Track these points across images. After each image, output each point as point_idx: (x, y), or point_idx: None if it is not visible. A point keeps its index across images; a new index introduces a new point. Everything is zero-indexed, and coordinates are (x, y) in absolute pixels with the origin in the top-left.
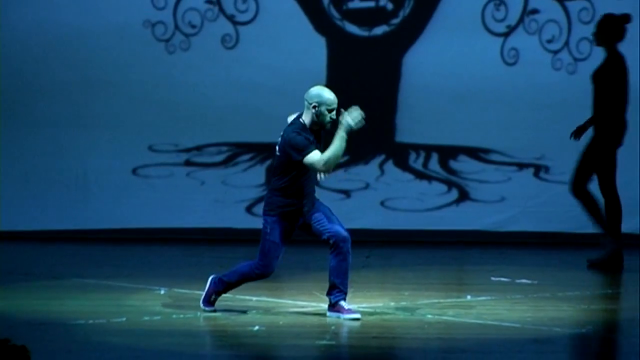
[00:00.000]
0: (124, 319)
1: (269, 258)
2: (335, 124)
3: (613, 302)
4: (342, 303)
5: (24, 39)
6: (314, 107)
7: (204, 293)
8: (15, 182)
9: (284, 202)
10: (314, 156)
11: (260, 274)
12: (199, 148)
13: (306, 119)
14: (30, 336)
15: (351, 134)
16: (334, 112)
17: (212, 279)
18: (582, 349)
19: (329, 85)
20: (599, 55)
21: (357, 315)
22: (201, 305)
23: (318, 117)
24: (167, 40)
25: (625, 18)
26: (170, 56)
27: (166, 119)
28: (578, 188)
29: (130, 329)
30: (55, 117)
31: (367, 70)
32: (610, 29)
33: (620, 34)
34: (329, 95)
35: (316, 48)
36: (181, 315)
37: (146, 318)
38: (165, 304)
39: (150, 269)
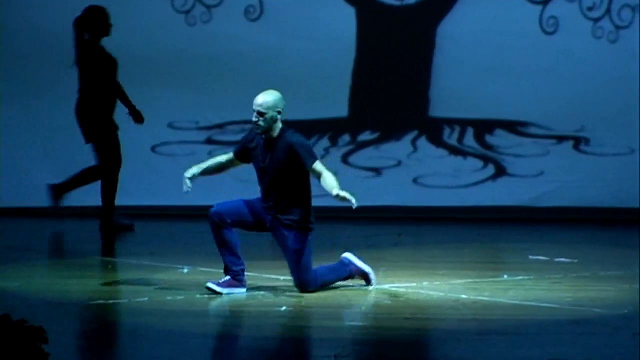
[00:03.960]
0: (146, 299)
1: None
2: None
3: None
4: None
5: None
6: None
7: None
8: (35, 157)
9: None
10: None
11: (313, 290)
12: (221, 126)
13: None
14: (48, 317)
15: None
16: (255, 115)
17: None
18: (624, 330)
19: (359, 57)
20: None
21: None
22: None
23: None
24: (187, 12)
25: None
26: (191, 29)
27: (186, 96)
28: None
29: (153, 309)
30: (72, 92)
31: (399, 41)
32: None
33: None
34: (257, 96)
35: (345, 19)
36: (205, 296)
37: (169, 298)
38: (189, 283)
39: (174, 248)
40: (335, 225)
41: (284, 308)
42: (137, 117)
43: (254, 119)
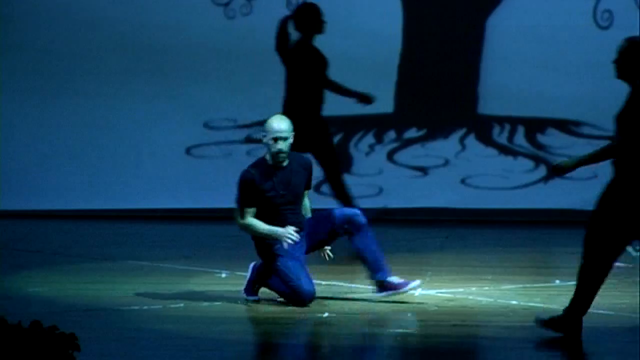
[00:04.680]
0: (182, 304)
1: None
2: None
3: None
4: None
5: None
6: (263, 136)
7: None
8: (61, 157)
9: None
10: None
11: None
12: (260, 123)
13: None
14: (79, 323)
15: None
16: (281, 142)
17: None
18: None
19: (405, 51)
20: None
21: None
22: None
23: (268, 148)
24: (226, 5)
25: None
26: (230, 21)
27: (224, 92)
28: None
29: (189, 316)
30: (101, 89)
31: (446, 34)
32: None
33: None
34: (272, 123)
35: (392, 10)
36: (245, 301)
37: (206, 304)
38: (227, 288)
39: (211, 251)
40: (378, 227)
41: (326, 314)
42: (366, 99)
43: (279, 147)
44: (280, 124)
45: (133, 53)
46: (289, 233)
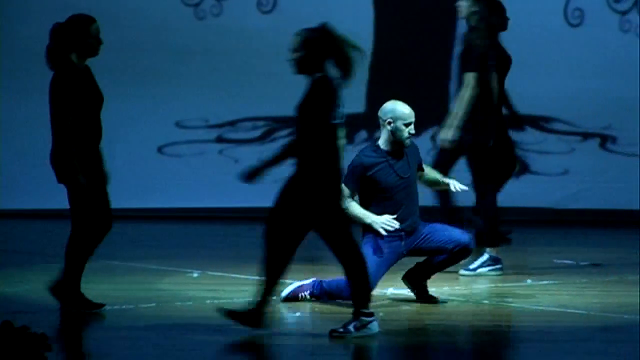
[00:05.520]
0: (154, 304)
1: None
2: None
3: None
4: None
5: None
6: (389, 122)
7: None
8: (32, 158)
9: None
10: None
11: None
12: (232, 123)
13: (382, 137)
14: (51, 323)
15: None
16: (412, 127)
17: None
18: None
19: (376, 51)
20: None
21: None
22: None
23: (394, 133)
24: (196, 5)
25: None
26: (200, 22)
27: (195, 92)
28: None
29: (161, 316)
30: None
31: (418, 34)
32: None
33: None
34: (403, 108)
35: (362, 10)
36: (215, 301)
37: (178, 304)
38: (199, 288)
39: (183, 251)
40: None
41: (298, 314)
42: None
43: (411, 132)
44: (409, 109)
45: (105, 53)
46: (383, 222)
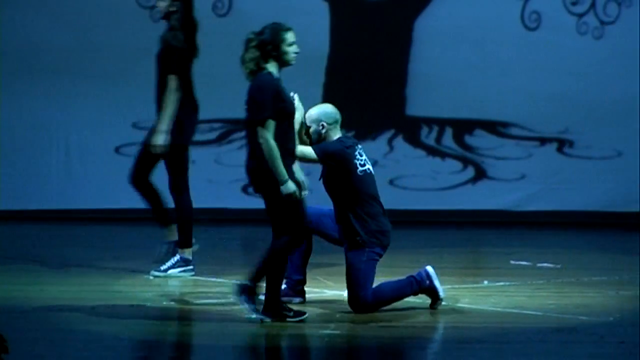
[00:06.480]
0: (111, 305)
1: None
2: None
3: None
4: None
5: None
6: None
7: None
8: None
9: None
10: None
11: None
12: None
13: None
14: (8, 325)
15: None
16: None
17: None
18: (610, 339)
19: (332, 54)
20: (628, 18)
21: None
22: None
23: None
24: (151, 8)
25: None
26: (155, 24)
27: (151, 94)
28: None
29: (118, 316)
30: (30, 89)
31: (374, 37)
32: None
33: None
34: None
35: (318, 14)
36: (172, 302)
37: (135, 305)
38: (155, 289)
39: (139, 252)
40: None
41: (254, 315)
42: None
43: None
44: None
45: (61, 53)
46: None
